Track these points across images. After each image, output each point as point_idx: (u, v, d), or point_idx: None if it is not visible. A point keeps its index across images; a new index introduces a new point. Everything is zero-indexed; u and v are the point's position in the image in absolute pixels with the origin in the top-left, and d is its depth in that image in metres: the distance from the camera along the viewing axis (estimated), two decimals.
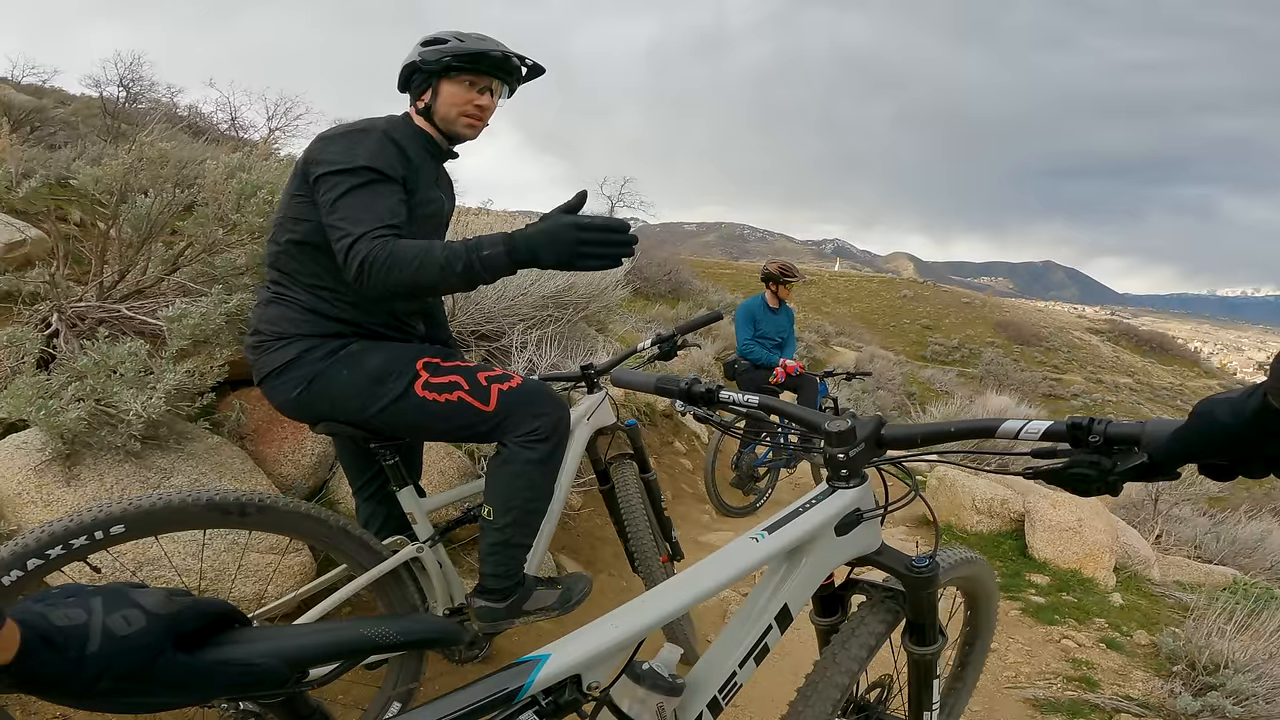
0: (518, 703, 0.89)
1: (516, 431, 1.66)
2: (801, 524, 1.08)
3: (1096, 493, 0.86)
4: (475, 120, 1.76)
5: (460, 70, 1.70)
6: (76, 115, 8.05)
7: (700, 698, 1.04)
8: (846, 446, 1.09)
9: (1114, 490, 0.85)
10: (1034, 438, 0.92)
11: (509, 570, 1.73)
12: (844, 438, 1.09)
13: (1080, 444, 0.87)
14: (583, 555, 3.34)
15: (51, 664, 0.57)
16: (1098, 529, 4.31)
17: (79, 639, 0.59)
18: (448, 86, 1.72)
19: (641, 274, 14.26)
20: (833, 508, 1.10)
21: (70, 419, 1.89)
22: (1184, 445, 0.76)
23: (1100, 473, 0.85)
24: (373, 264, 1.42)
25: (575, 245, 1.34)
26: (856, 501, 1.12)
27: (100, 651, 0.59)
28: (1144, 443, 0.82)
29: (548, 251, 1.35)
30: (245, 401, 2.48)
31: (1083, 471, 0.86)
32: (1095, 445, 0.86)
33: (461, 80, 1.71)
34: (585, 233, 1.34)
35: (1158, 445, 0.80)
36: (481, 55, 1.69)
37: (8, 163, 3.02)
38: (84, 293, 2.50)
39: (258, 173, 2.80)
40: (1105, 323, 53.60)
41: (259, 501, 1.48)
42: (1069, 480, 0.87)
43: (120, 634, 0.60)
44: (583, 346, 4.30)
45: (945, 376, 23.53)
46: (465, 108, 1.73)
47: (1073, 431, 0.88)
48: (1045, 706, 2.49)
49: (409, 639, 0.78)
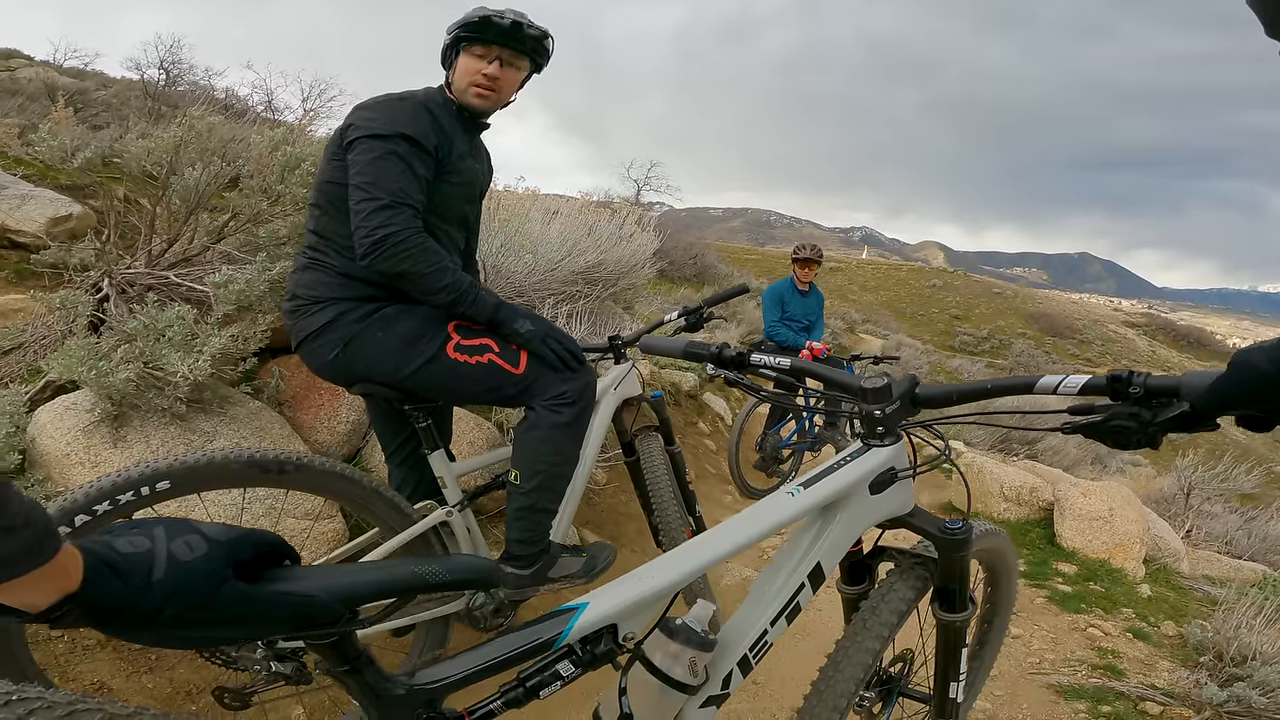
0: (555, 650, 0.92)
1: (544, 395, 1.69)
2: (836, 480, 1.09)
3: (1136, 445, 0.87)
4: (484, 90, 1.76)
5: (470, 40, 1.72)
6: (118, 97, 8.20)
7: (731, 655, 1.06)
8: (882, 403, 1.10)
9: (1154, 443, 0.86)
10: (1072, 392, 0.92)
11: (534, 536, 1.77)
12: (879, 395, 1.10)
13: (1120, 397, 0.88)
14: (606, 531, 3.38)
15: (117, 591, 0.58)
16: (1129, 519, 4.25)
17: (144, 565, 0.60)
18: (462, 58, 1.75)
19: (667, 257, 14.24)
20: (867, 465, 1.11)
21: (119, 380, 1.95)
22: (1222, 395, 0.77)
23: (1140, 424, 0.85)
24: (397, 244, 1.52)
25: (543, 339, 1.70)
26: (891, 460, 1.13)
27: (165, 578, 0.60)
28: (1183, 393, 0.83)
29: (522, 324, 1.69)
30: (284, 368, 2.55)
31: (1123, 424, 0.86)
32: (1135, 397, 0.86)
33: (473, 51, 1.73)
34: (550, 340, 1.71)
35: (1197, 395, 0.80)
36: (485, 23, 1.70)
37: (62, 135, 3.10)
38: (133, 260, 2.58)
39: (300, 146, 2.86)
40: (1142, 316, 52.32)
41: (296, 460, 1.51)
42: (1109, 433, 0.88)
43: (183, 559, 0.61)
44: (610, 323, 4.34)
45: (973, 367, 23.20)
46: (474, 77, 1.74)
47: (1112, 385, 0.88)
48: (1069, 693, 2.48)
49: (456, 578, 0.81)
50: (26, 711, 0.61)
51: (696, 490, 4.27)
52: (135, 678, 1.73)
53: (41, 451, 1.94)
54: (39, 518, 0.54)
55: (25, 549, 0.52)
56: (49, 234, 2.70)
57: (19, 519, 0.52)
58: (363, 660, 0.81)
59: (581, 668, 0.94)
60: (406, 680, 0.86)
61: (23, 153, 3.39)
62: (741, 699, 2.30)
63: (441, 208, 1.74)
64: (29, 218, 2.74)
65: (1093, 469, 8.79)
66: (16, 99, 6.29)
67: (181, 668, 1.80)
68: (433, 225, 1.74)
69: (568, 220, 4.46)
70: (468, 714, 0.91)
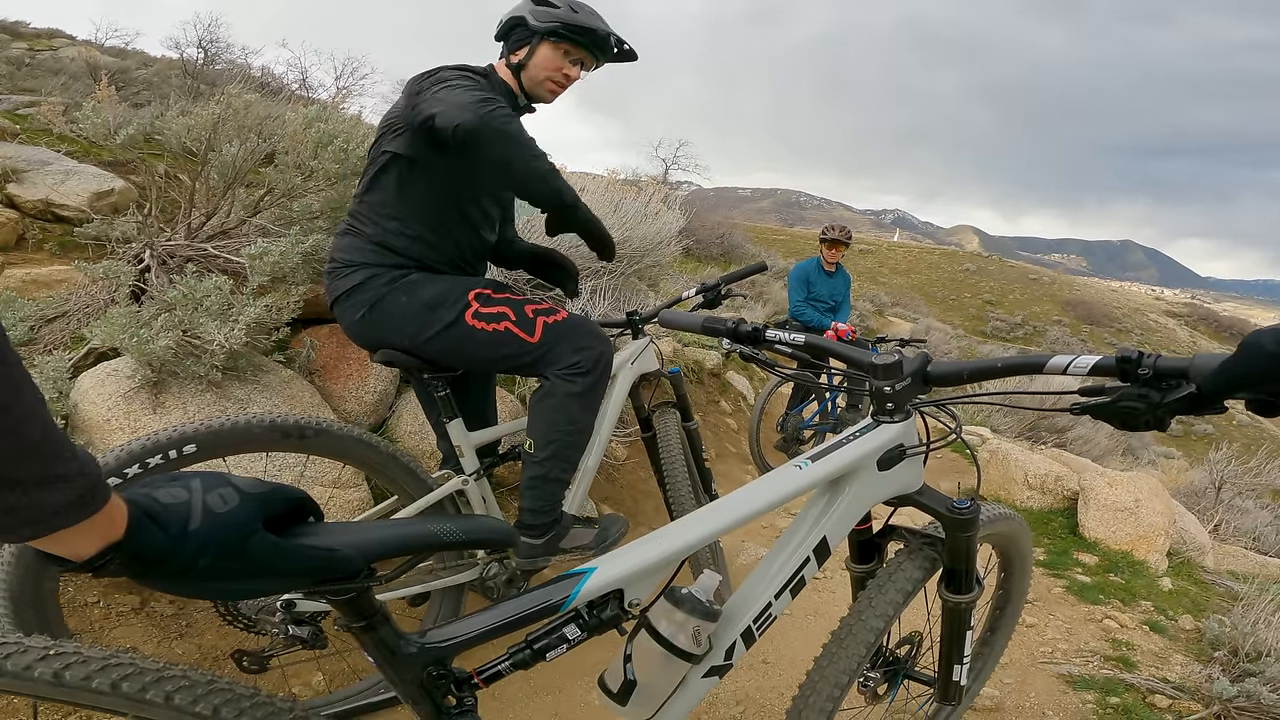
0: (563, 613, 0.95)
1: (559, 364, 1.72)
2: (845, 454, 1.11)
3: (1145, 427, 0.87)
4: (558, 87, 1.83)
5: (563, 38, 1.76)
6: (158, 76, 8.35)
7: (735, 626, 1.09)
8: (893, 380, 1.11)
9: (1162, 425, 0.86)
10: (1083, 372, 0.92)
11: (547, 505, 1.80)
12: (890, 371, 1.11)
13: (1129, 378, 0.88)
14: (624, 507, 3.43)
15: (157, 541, 0.61)
16: (1155, 510, 4.19)
17: (181, 516, 0.63)
18: (546, 50, 1.77)
19: (694, 235, 14.16)
20: (876, 440, 1.12)
21: (160, 347, 2.03)
22: (1230, 376, 0.76)
23: (1149, 406, 0.85)
24: (500, 122, 1.49)
25: None
26: (900, 437, 1.14)
27: (200, 528, 0.63)
28: (1192, 375, 0.83)
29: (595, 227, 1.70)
30: (316, 338, 2.62)
31: (1132, 405, 0.87)
32: (1145, 379, 0.86)
33: (560, 47, 1.77)
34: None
35: (1205, 376, 0.80)
36: (589, 30, 1.76)
37: (105, 113, 3.19)
38: (173, 233, 2.66)
39: (333, 123, 2.91)
40: (1184, 306, 50.75)
41: (317, 425, 1.57)
42: (1118, 414, 0.88)
43: (218, 511, 0.65)
44: (634, 300, 4.36)
45: (1005, 353, 22.80)
46: (555, 74, 1.79)
47: (1122, 365, 0.88)
48: (1078, 683, 2.48)
49: (470, 538, 0.85)
50: (64, 665, 0.66)
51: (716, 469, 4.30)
52: (166, 643, 1.82)
53: (84, 416, 2.02)
54: (91, 468, 0.56)
55: (78, 498, 0.55)
56: (92, 208, 2.80)
57: (73, 468, 0.54)
58: (378, 618, 0.85)
59: (588, 631, 0.98)
60: (418, 639, 0.90)
61: (67, 130, 3.49)
62: (751, 676, 2.34)
63: (478, 183, 1.78)
64: (73, 192, 2.83)
65: (1124, 459, 8.64)
66: (60, 78, 6.45)
67: (209, 634, 1.89)
68: (466, 199, 1.78)
69: (593, 197, 4.47)
70: (476, 674, 0.95)
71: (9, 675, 0.65)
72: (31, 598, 1.35)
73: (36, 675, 0.65)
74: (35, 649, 0.66)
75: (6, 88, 5.54)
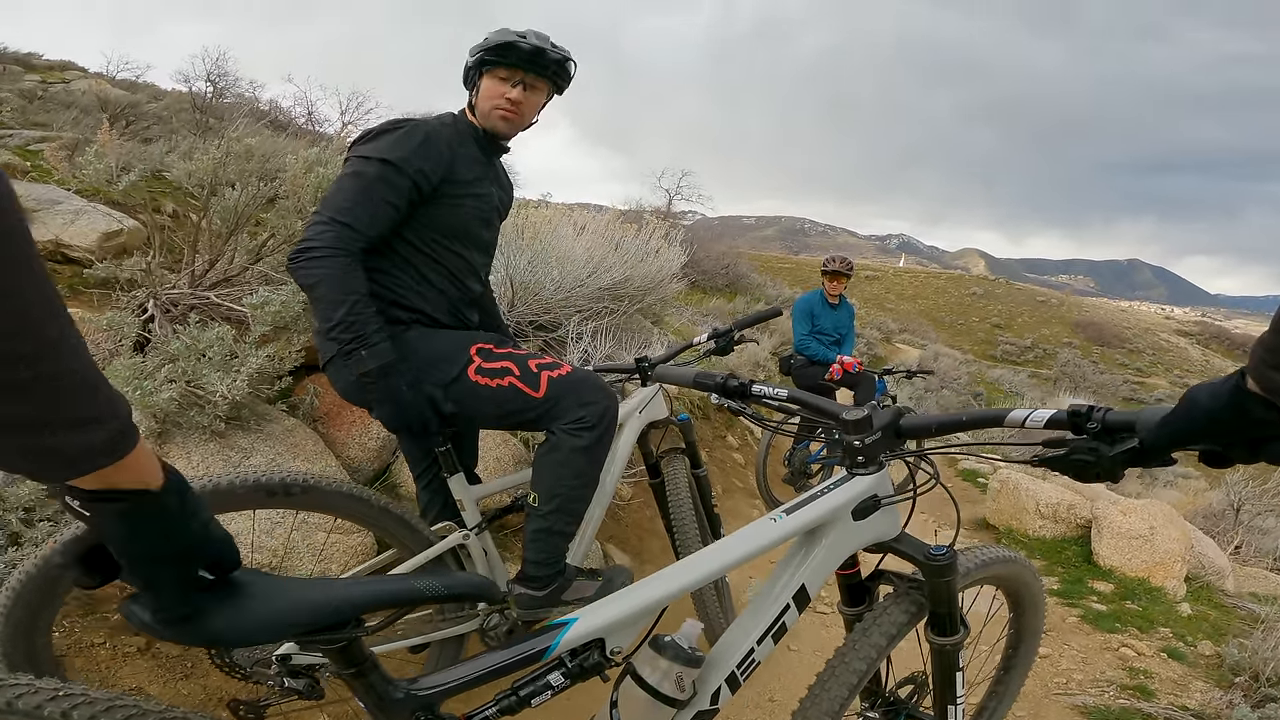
0: (545, 661, 0.98)
1: (564, 419, 1.69)
2: (819, 506, 1.13)
3: (1096, 478, 0.88)
4: (508, 113, 1.80)
5: (494, 64, 1.77)
6: (168, 110, 8.60)
7: (719, 672, 1.10)
8: (862, 434, 1.13)
9: (1113, 476, 0.87)
10: (1038, 425, 0.95)
11: (550, 558, 1.77)
12: (859, 426, 1.13)
13: (1080, 431, 0.90)
14: (630, 546, 3.41)
15: (188, 506, 0.64)
16: (1171, 537, 4.13)
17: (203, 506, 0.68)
18: (485, 81, 1.79)
19: (699, 267, 14.25)
20: (850, 492, 1.14)
21: (163, 399, 2.06)
22: (1170, 431, 0.77)
23: (1098, 458, 0.87)
24: (311, 258, 1.56)
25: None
26: (874, 488, 1.16)
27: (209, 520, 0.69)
28: (1138, 429, 0.84)
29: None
30: (318, 386, 2.66)
31: (1083, 458, 0.88)
32: (1094, 432, 0.88)
33: (496, 74, 1.78)
34: None
35: (1149, 430, 0.82)
36: (508, 47, 1.74)
37: (108, 157, 3.29)
38: (177, 280, 2.72)
39: (333, 166, 2.98)
40: (1195, 324, 50.40)
41: (303, 482, 1.52)
42: (1071, 466, 0.90)
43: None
44: (638, 338, 4.36)
45: (1015, 377, 22.64)
46: (498, 101, 1.79)
47: (1073, 419, 0.91)
48: (1094, 714, 2.43)
49: (452, 592, 0.88)
50: (70, 706, 0.71)
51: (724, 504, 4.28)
52: (171, 684, 1.83)
53: None
54: (124, 411, 0.57)
55: (109, 442, 0.55)
56: (100, 248, 2.83)
57: (106, 410, 0.54)
58: (368, 665, 0.89)
59: (571, 679, 1.00)
60: (407, 685, 0.93)
61: (69, 175, 3.52)
62: (757, 715, 2.31)
63: (451, 230, 1.79)
64: (81, 233, 2.86)
65: (1140, 481, 8.50)
66: (71, 111, 6.64)
67: (214, 675, 1.89)
68: (442, 247, 1.78)
69: (594, 236, 4.52)
70: (465, 719, 0.97)
71: (20, 714, 0.69)
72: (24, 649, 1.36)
73: (46, 715, 0.70)
74: (45, 690, 0.71)
75: (19, 121, 5.70)
